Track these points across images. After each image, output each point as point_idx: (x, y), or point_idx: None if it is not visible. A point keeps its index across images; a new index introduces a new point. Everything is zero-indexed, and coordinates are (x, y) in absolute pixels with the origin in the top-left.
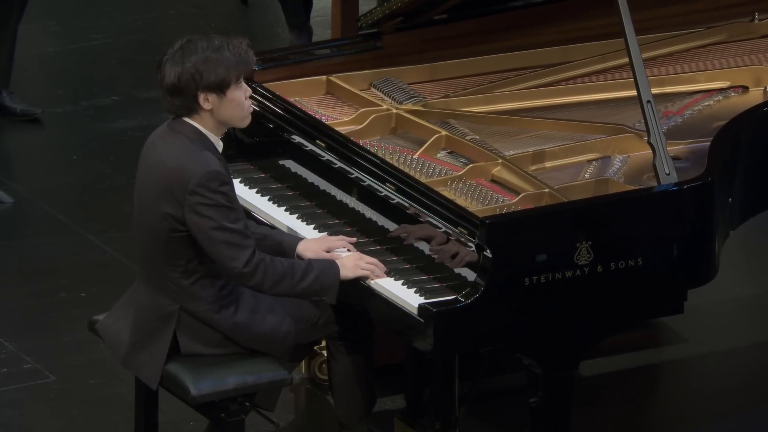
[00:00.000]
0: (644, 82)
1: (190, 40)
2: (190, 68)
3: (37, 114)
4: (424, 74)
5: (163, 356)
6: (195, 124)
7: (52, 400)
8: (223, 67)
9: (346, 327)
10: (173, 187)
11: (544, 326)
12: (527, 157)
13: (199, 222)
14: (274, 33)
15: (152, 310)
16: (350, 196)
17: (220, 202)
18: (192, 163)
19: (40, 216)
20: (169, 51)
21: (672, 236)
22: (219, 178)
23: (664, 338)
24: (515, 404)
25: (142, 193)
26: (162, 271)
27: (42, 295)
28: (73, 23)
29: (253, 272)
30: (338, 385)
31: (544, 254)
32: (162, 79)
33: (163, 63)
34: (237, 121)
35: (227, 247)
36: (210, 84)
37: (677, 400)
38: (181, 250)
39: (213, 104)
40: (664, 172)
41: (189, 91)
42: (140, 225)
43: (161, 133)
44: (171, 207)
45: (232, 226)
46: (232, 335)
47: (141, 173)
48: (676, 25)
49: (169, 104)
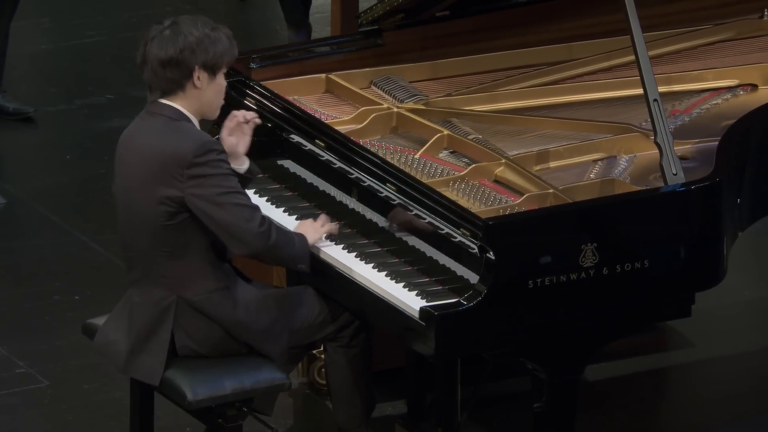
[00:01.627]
0: (651, 80)
1: (181, 19)
2: (192, 42)
3: (30, 113)
4: (425, 72)
5: (164, 351)
6: (177, 106)
7: (45, 406)
8: (220, 47)
9: (343, 328)
10: (169, 165)
11: (548, 330)
12: (531, 157)
13: (203, 193)
14: (273, 30)
15: (148, 309)
16: (350, 197)
17: (223, 169)
18: (185, 138)
19: (33, 217)
20: (155, 28)
21: (679, 238)
22: (217, 147)
23: (670, 342)
24: (519, 409)
25: (129, 186)
26: (157, 262)
27: (35, 298)
28: (67, 20)
29: (268, 232)
30: (336, 389)
31: (549, 256)
32: (147, 56)
33: (150, 39)
34: (214, 110)
35: (241, 209)
36: (207, 61)
37: (684, 406)
38: (178, 237)
39: (203, 84)
40: (671, 173)
41: (186, 65)
42: (130, 220)
43: (139, 122)
44: (167, 188)
45: (239, 190)
46: (228, 326)
47: (124, 166)
48: (683, 21)
49: (158, 79)
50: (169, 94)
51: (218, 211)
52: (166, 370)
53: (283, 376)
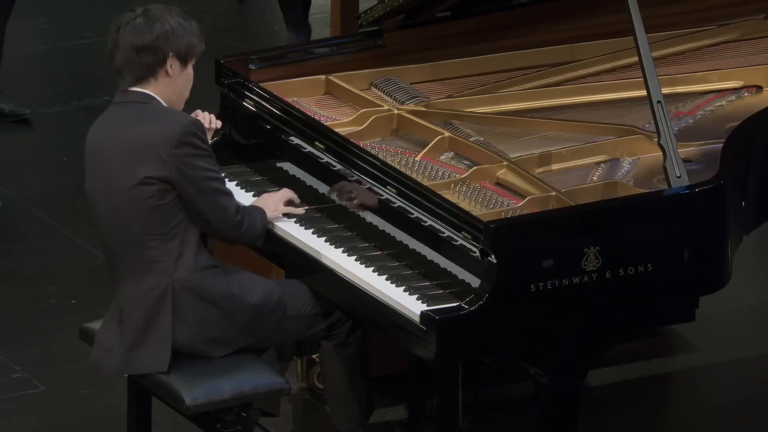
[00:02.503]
0: (654, 82)
1: (154, 7)
2: (167, 30)
3: (26, 114)
4: (426, 73)
5: (168, 336)
6: (149, 92)
7: (41, 411)
8: (194, 37)
9: (337, 325)
10: (156, 145)
11: (550, 334)
12: (533, 159)
13: (190, 174)
14: (272, 31)
15: (142, 301)
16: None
17: (207, 151)
18: (168, 118)
19: (29, 220)
20: (126, 15)
21: (683, 241)
22: (201, 126)
23: (674, 347)
24: (520, 415)
25: (111, 176)
26: (150, 246)
27: (31, 302)
28: (63, 20)
29: (242, 220)
30: (332, 388)
31: (551, 260)
32: (119, 42)
33: (123, 25)
34: (181, 100)
35: (219, 196)
36: (180, 49)
37: (688, 412)
38: (168, 216)
39: (174, 72)
40: (675, 175)
41: (162, 51)
42: (116, 211)
43: (109, 115)
44: (155, 169)
45: (219, 175)
46: (226, 305)
47: (100, 161)
48: (687, 22)
49: (131, 64)
50: (141, 81)
51: (200, 197)
52: (163, 374)
53: (282, 380)
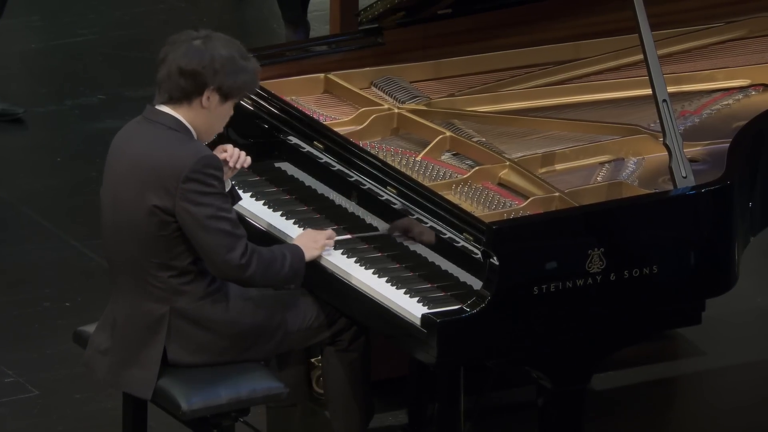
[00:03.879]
0: (660, 80)
1: (216, 36)
2: (216, 62)
3: (20, 114)
4: (427, 72)
5: (157, 364)
6: (178, 116)
7: (34, 416)
8: (243, 77)
9: (340, 332)
10: (164, 176)
11: (553, 337)
12: (536, 160)
13: (194, 211)
14: (270, 28)
15: (138, 320)
16: (349, 201)
17: (217, 189)
18: (184, 150)
19: (22, 221)
20: (186, 33)
21: (689, 242)
22: (214, 163)
23: (680, 350)
24: (523, 420)
25: (120, 191)
26: (149, 273)
27: (24, 305)
28: (58, 18)
29: (248, 263)
30: (334, 395)
31: (554, 262)
32: (169, 57)
33: (179, 42)
34: (211, 134)
35: (224, 236)
36: (223, 85)
37: (694, 416)
38: (170, 246)
39: (210, 105)
40: (680, 175)
41: (202, 80)
42: (118, 226)
43: (135, 127)
44: (159, 198)
45: (228, 215)
46: (223, 332)
47: (114, 172)
48: (693, 19)
49: (170, 83)
50: (175, 102)
51: (203, 234)
52: (159, 379)
53: (279, 384)
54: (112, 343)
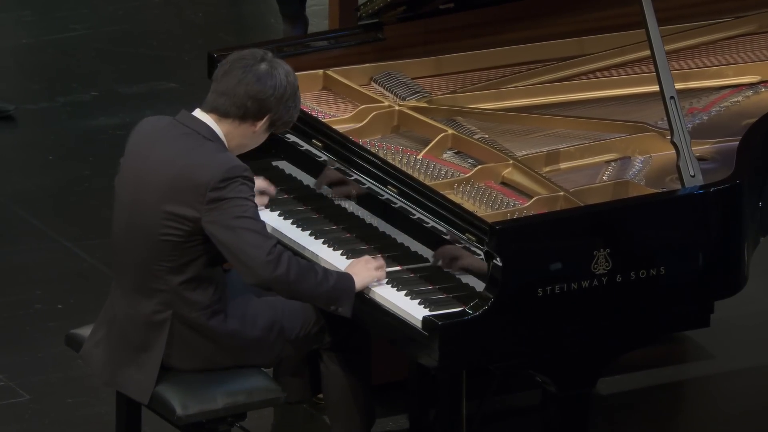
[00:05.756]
0: (667, 77)
1: (277, 61)
2: (281, 91)
3: (11, 111)
4: (428, 68)
5: (156, 369)
6: (216, 127)
7: (26, 421)
8: (294, 113)
9: (341, 337)
10: (191, 184)
11: (558, 341)
12: (540, 158)
13: (217, 217)
14: (267, 23)
15: (138, 321)
16: (349, 200)
17: (244, 194)
18: (213, 161)
19: (12, 221)
20: (254, 53)
21: (697, 243)
22: (244, 173)
23: (688, 354)
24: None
25: (140, 192)
26: (156, 276)
27: (15, 307)
28: (49, 13)
29: (276, 260)
30: (334, 401)
31: (559, 263)
32: (237, 73)
33: (246, 60)
34: (239, 152)
35: (251, 234)
36: (278, 117)
37: (702, 422)
38: (182, 253)
39: (258, 129)
40: (688, 174)
41: (266, 109)
42: (132, 227)
43: (165, 130)
44: (183, 207)
45: (255, 217)
46: (223, 342)
47: (139, 171)
48: (701, 14)
49: (231, 99)
50: (224, 114)
51: (228, 235)
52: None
53: (277, 388)
54: (110, 339)
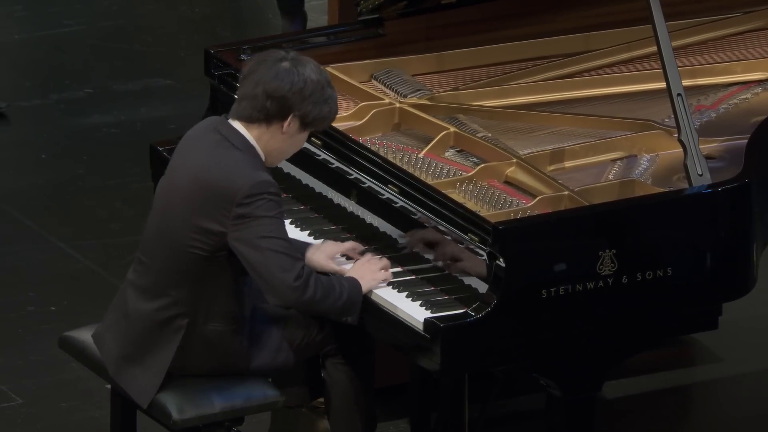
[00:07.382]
0: (674, 73)
1: (304, 58)
2: (306, 87)
3: (2, 108)
4: (430, 64)
5: (162, 373)
6: (248, 136)
7: (18, 425)
8: (327, 108)
9: (345, 342)
10: (219, 197)
11: (563, 343)
12: (545, 156)
13: (243, 235)
14: (265, 19)
15: (153, 322)
16: (349, 200)
17: (271, 212)
18: (241, 173)
19: (5, 221)
20: (275, 53)
21: (705, 244)
22: (270, 188)
23: (696, 357)
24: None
25: (172, 197)
26: (179, 284)
27: (8, 309)
28: (42, 8)
29: (305, 285)
30: (336, 407)
31: (564, 264)
32: (256, 75)
33: (267, 61)
34: (279, 159)
35: (279, 256)
36: (307, 114)
37: (710, 426)
38: (205, 265)
39: (289, 131)
40: (696, 173)
41: (288, 105)
42: (162, 232)
43: (207, 135)
44: (210, 221)
45: (283, 236)
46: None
47: (176, 175)
48: (709, 9)
49: (254, 102)
50: (253, 120)
51: (255, 254)
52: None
53: (275, 393)
54: (120, 330)
